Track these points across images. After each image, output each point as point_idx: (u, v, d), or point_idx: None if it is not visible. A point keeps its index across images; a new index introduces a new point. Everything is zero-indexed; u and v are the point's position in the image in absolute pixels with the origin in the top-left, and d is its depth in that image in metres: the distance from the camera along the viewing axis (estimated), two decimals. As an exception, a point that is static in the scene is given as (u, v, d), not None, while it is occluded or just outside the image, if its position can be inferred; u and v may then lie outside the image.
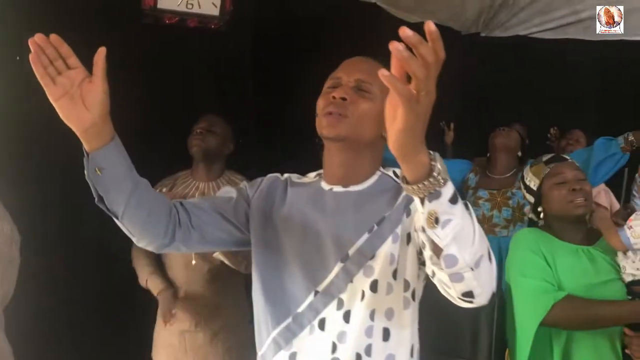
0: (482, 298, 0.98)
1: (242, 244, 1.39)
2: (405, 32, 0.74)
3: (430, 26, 0.75)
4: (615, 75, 3.91)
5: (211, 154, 2.31)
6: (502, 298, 1.86)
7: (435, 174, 0.88)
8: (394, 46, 0.74)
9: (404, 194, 1.25)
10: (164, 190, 2.29)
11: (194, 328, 2.28)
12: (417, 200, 0.91)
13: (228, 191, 1.41)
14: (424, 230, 0.92)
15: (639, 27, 3.77)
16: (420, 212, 0.93)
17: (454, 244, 0.90)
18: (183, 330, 2.29)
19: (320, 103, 1.28)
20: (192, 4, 2.61)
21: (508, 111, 3.92)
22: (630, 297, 1.76)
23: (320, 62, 3.32)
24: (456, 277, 0.94)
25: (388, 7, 3.54)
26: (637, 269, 1.74)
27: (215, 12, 2.68)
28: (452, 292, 0.99)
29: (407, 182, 0.90)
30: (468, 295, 0.97)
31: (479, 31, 4.32)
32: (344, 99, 1.24)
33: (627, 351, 1.73)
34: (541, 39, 4.20)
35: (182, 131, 2.35)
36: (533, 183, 1.93)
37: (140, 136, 2.15)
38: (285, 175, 1.45)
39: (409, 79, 0.80)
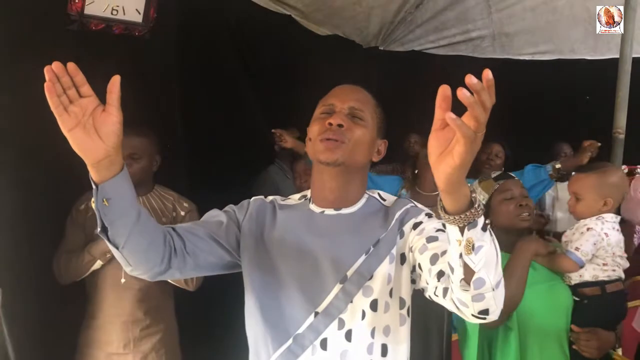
0: (495, 315, 1.05)
1: (232, 267, 1.39)
2: (471, 79, 0.79)
3: (488, 74, 0.81)
4: (500, 93, 4.29)
5: (139, 179, 2.17)
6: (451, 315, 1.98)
7: (475, 205, 0.95)
8: (463, 93, 0.79)
9: (397, 215, 1.32)
10: (89, 205, 2.16)
11: (122, 350, 2.16)
12: (454, 229, 0.97)
13: (216, 215, 1.40)
14: (460, 256, 0.98)
15: (523, 48, 4.20)
16: (454, 239, 0.98)
17: (484, 268, 0.97)
18: (110, 353, 2.16)
19: (315, 129, 1.31)
20: (117, 11, 2.49)
21: (404, 123, 4.14)
22: (578, 299, 1.97)
23: (241, 70, 3.37)
24: (478, 298, 1.01)
25: (301, 19, 3.63)
26: (580, 275, 1.96)
27: (139, 19, 2.58)
28: (467, 311, 1.05)
29: (447, 212, 0.96)
30: (484, 312, 1.04)
31: (378, 45, 4.53)
32: (340, 125, 1.28)
33: (574, 347, 1.93)
34: (435, 55, 4.51)
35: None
36: (482, 197, 2.09)
37: (60, 147, 2.04)
38: (270, 197, 1.46)
39: None
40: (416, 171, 3.14)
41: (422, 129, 3.42)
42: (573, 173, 3.39)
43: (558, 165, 2.89)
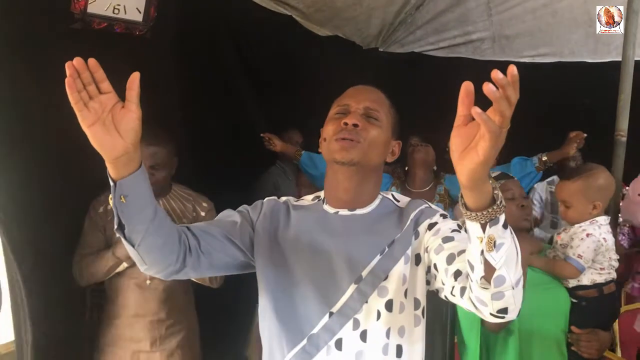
0: (514, 314, 1.05)
1: (245, 267, 1.39)
2: (497, 74, 0.80)
3: (513, 70, 0.81)
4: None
5: (161, 187, 2.21)
6: (453, 309, 1.98)
7: (498, 202, 0.94)
8: (489, 87, 0.80)
9: (411, 216, 1.32)
10: (109, 208, 2.17)
11: (149, 348, 2.20)
12: (476, 226, 0.96)
13: (230, 215, 1.40)
14: (482, 253, 0.97)
15: (523, 50, 4.19)
16: (475, 236, 0.97)
17: (504, 266, 0.97)
18: (137, 351, 2.20)
19: (330, 129, 1.32)
20: (119, 10, 2.49)
21: (404, 124, 4.14)
22: (575, 301, 1.97)
23: (241, 70, 3.37)
24: (498, 296, 1.01)
25: (302, 20, 3.63)
26: (578, 280, 1.97)
27: (140, 18, 2.58)
28: (485, 310, 1.05)
29: (469, 209, 0.96)
30: (503, 311, 1.03)
31: (378, 46, 4.53)
32: (356, 125, 1.29)
33: (573, 348, 1.94)
34: (435, 57, 4.51)
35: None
36: None
37: (66, 147, 2.04)
38: (283, 198, 1.47)
39: None
40: (406, 168, 3.17)
41: (423, 131, 3.42)
42: (555, 178, 3.40)
43: (545, 157, 2.90)
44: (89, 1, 2.28)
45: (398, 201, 1.41)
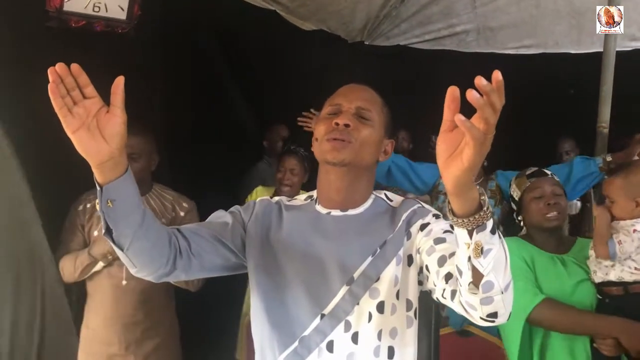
0: (503, 318, 1.04)
1: (237, 268, 1.38)
2: (481, 81, 0.79)
3: (498, 76, 0.81)
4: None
5: (138, 179, 2.18)
6: (437, 304, 1.98)
7: (485, 208, 0.93)
8: (473, 94, 0.79)
9: (403, 216, 1.31)
10: (87, 206, 2.15)
11: (123, 351, 2.16)
12: (462, 232, 0.96)
13: (222, 216, 1.39)
14: (469, 259, 0.97)
15: (507, 42, 4.21)
16: (463, 242, 0.97)
17: (492, 271, 0.96)
18: (112, 354, 2.16)
19: (322, 129, 1.30)
20: (99, 7, 2.46)
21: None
22: (600, 297, 1.96)
23: (226, 67, 3.35)
24: (487, 301, 1.00)
25: (286, 15, 3.62)
26: (606, 273, 1.95)
27: (123, 16, 2.56)
28: (475, 314, 1.04)
29: (456, 215, 0.95)
30: (492, 315, 1.03)
31: (364, 40, 4.52)
32: (347, 125, 1.27)
33: (595, 345, 1.92)
34: (420, 49, 4.51)
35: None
36: (515, 194, 2.10)
37: (47, 146, 2.02)
38: (276, 198, 1.45)
39: None
40: None
41: (409, 125, 3.43)
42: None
43: (609, 158, 2.85)
44: (65, -1, 2.25)
45: (391, 201, 1.40)
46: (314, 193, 1.42)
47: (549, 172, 2.11)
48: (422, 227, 1.28)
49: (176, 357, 2.35)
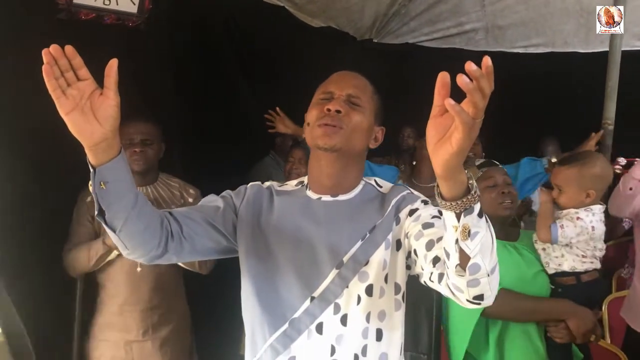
0: (489, 300, 1.07)
1: (228, 252, 1.41)
2: (470, 66, 0.81)
3: (487, 61, 0.83)
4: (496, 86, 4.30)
5: (151, 166, 2.24)
6: (439, 295, 2.01)
7: (472, 192, 0.96)
8: (463, 79, 0.81)
9: (393, 202, 1.34)
10: None
11: (141, 337, 2.20)
12: (450, 215, 0.98)
13: (214, 200, 1.42)
14: (456, 242, 0.99)
15: (516, 40, 4.21)
16: (450, 225, 0.99)
17: (479, 254, 0.99)
18: (129, 341, 2.20)
19: (314, 114, 1.33)
20: (110, 0, 2.50)
21: (397, 116, 4.16)
22: (553, 287, 2.00)
23: (235, 62, 3.38)
24: (473, 283, 1.02)
25: (295, 11, 3.64)
26: (559, 264, 1.99)
27: (134, 9, 2.58)
28: (462, 296, 1.07)
29: (444, 199, 0.97)
30: (479, 298, 1.05)
31: (372, 37, 4.53)
32: (338, 111, 1.30)
33: (547, 334, 1.97)
34: (428, 47, 4.52)
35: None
36: None
37: (56, 139, 2.05)
38: (267, 183, 1.48)
39: None
40: (414, 162, 3.13)
41: (416, 122, 3.43)
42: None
43: (554, 159, 2.89)
44: (76, -8, 2.28)
45: (381, 187, 1.42)
46: (305, 179, 1.45)
47: (498, 163, 2.12)
48: (411, 212, 1.31)
49: (189, 342, 2.40)
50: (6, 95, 2.09)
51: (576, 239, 1.96)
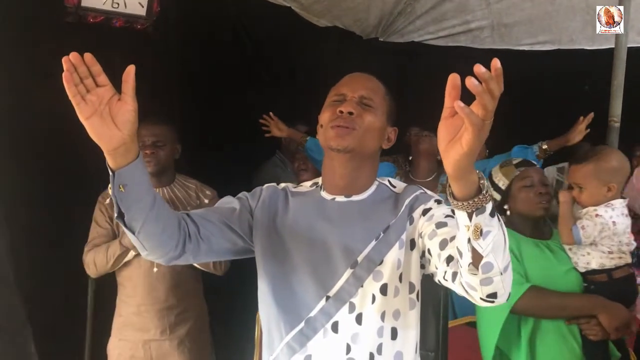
0: (503, 298, 1.08)
1: (245, 252, 1.43)
2: (479, 69, 0.83)
3: (496, 63, 0.84)
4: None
5: (164, 167, 2.27)
6: (446, 293, 2.02)
7: (484, 191, 0.97)
8: (472, 81, 0.83)
9: (406, 202, 1.36)
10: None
11: (159, 336, 2.24)
12: (463, 214, 1.00)
13: (229, 202, 1.44)
14: (469, 241, 1.01)
15: (522, 38, 4.21)
16: (463, 224, 1.01)
17: (492, 252, 1.00)
18: (148, 340, 2.24)
19: (326, 116, 1.36)
20: (118, 3, 2.52)
21: (404, 115, 4.15)
22: (586, 285, 2.01)
23: (244, 63, 3.39)
24: (486, 281, 1.04)
25: (300, 11, 3.65)
26: (587, 263, 1.99)
27: (142, 12, 2.61)
28: (476, 294, 1.08)
29: (456, 198, 0.99)
30: (492, 296, 1.07)
31: (378, 36, 4.54)
32: (351, 113, 1.33)
33: (582, 333, 1.97)
34: (434, 46, 4.51)
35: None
36: (502, 182, 2.12)
37: (67, 141, 2.07)
38: (282, 184, 1.51)
39: None
40: (410, 158, 3.15)
41: (423, 120, 3.45)
42: (566, 165, 3.40)
43: (545, 146, 2.91)
44: (84, -5, 2.30)
45: (394, 187, 1.44)
46: (319, 180, 1.47)
47: (535, 163, 2.15)
48: (424, 212, 1.32)
49: (207, 341, 2.44)
50: (15, 97, 2.12)
51: (599, 236, 1.96)
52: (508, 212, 2.13)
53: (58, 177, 2.24)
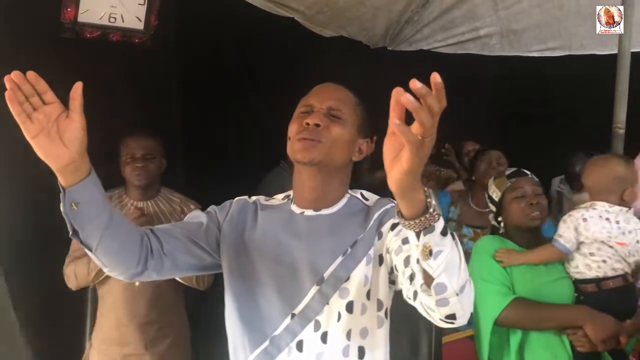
0: (463, 319, 1.04)
1: (212, 268, 1.41)
2: (415, 84, 0.79)
3: (436, 78, 0.80)
4: (508, 91, 4.24)
5: (154, 180, 2.28)
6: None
7: (431, 210, 0.93)
8: (406, 97, 0.79)
9: (375, 216, 1.32)
10: None
11: (142, 351, 2.23)
12: (411, 234, 0.96)
13: (197, 216, 1.42)
14: (418, 261, 0.98)
15: (531, 44, 4.15)
16: (413, 244, 0.97)
17: (444, 273, 0.96)
18: (127, 354, 2.22)
19: (294, 128, 1.33)
20: (115, 18, 2.54)
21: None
22: (576, 295, 1.97)
23: (245, 77, 3.39)
24: (442, 302, 0.99)
25: (304, 22, 3.64)
26: (576, 267, 1.97)
27: (140, 26, 2.62)
28: (435, 315, 1.04)
29: (403, 217, 0.95)
30: (451, 317, 1.02)
31: (386, 45, 4.51)
32: (317, 125, 1.29)
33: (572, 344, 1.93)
34: (444, 54, 4.48)
35: (107, 147, 2.27)
36: (495, 195, 2.10)
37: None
38: (254, 197, 1.48)
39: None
40: (473, 178, 2.91)
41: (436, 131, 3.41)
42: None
43: None
44: (80, 11, 2.32)
45: (367, 200, 1.40)
46: (291, 192, 1.44)
47: (528, 172, 2.09)
48: (393, 226, 1.28)
49: (187, 356, 2.41)
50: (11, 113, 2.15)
51: (578, 237, 1.94)
52: (502, 224, 2.11)
53: (52, 185, 2.26)
